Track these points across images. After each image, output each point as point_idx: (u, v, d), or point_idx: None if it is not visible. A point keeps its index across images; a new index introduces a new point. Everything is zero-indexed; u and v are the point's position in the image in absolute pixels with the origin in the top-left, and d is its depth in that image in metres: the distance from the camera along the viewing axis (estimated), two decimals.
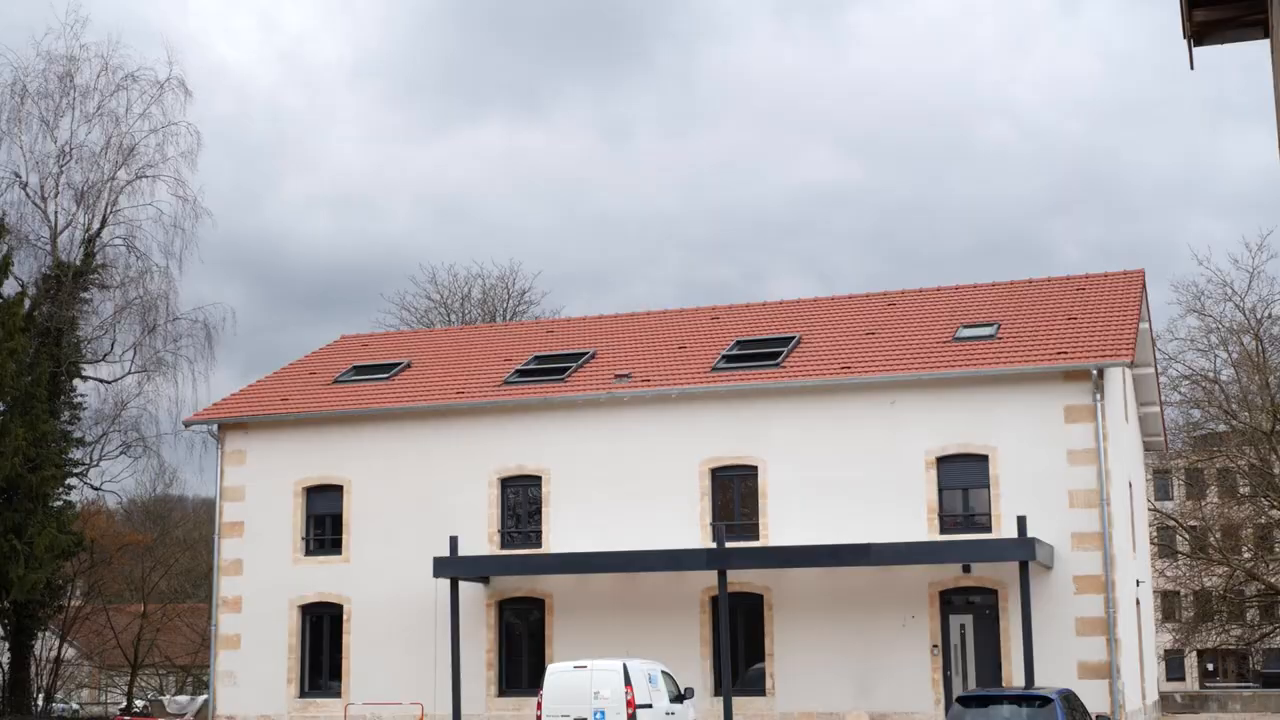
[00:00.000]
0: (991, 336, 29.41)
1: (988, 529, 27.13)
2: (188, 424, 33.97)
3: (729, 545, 27.22)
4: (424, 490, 30.78)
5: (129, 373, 40.91)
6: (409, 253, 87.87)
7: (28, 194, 39.94)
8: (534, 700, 26.79)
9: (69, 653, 50.65)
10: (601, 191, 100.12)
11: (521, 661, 29.83)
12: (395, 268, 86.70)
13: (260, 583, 31.58)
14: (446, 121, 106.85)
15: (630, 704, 23.62)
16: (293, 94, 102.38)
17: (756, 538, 28.47)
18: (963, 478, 27.58)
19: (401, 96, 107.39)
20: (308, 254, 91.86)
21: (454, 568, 28.50)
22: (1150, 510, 44.89)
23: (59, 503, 39.19)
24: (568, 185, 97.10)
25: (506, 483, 30.52)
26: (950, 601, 27.34)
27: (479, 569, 28.96)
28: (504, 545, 30.21)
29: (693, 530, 28.77)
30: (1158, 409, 36.50)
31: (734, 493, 29.12)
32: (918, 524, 27.37)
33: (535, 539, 30.08)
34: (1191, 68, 11.95)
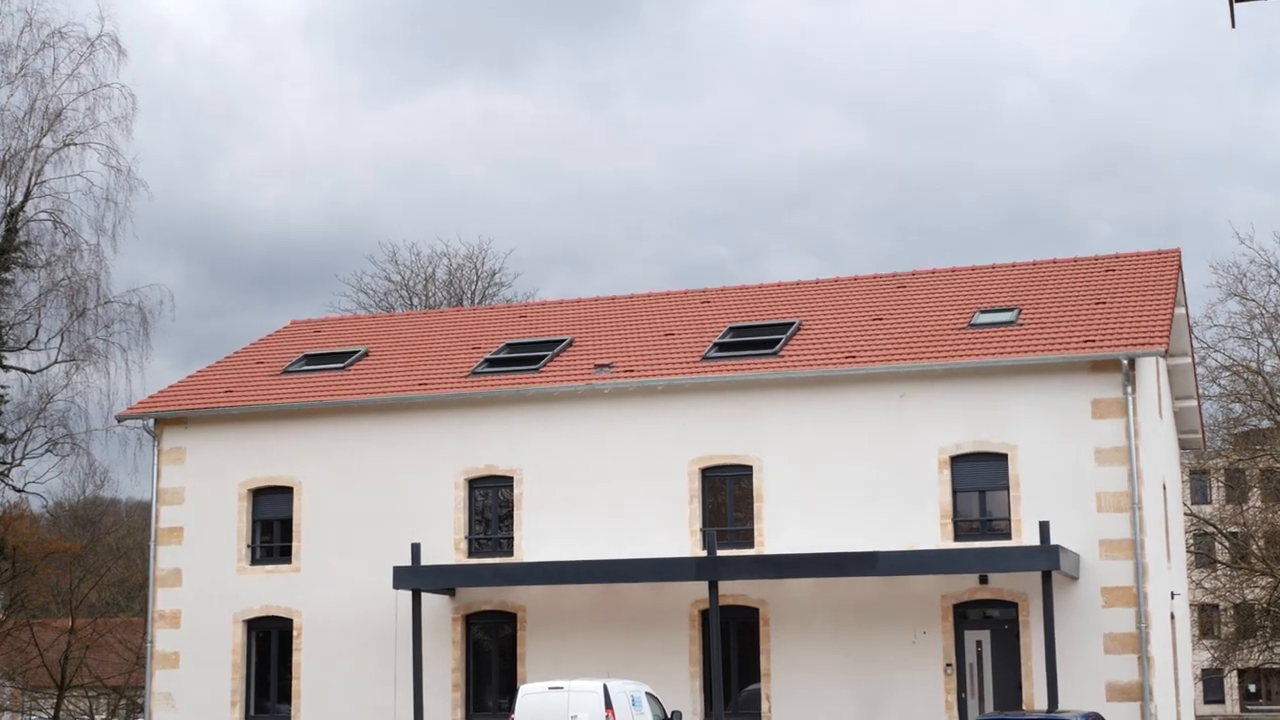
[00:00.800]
0: (1011, 323, 29.44)
1: (1007, 535, 27.17)
2: (121, 419, 33.88)
3: (721, 553, 27.21)
4: (383, 492, 30.72)
5: (55, 362, 40.79)
6: (368, 229, 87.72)
7: None
8: None
9: None
10: (582, 161, 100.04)
11: (491, 682, 29.82)
12: (352, 245, 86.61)
13: (201, 595, 31.50)
14: (410, 83, 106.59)
15: None
16: (239, 52, 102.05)
17: (751, 545, 28.47)
18: (979, 479, 27.60)
19: (360, 54, 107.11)
20: (255, 230, 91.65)
21: (416, 578, 28.46)
22: (1186, 515, 45.04)
23: None
24: (544, 154, 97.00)
25: (474, 484, 30.47)
26: (965, 616, 27.38)
27: (444, 579, 28.92)
28: (472, 553, 30.17)
29: (681, 537, 28.75)
30: (1195, 403, 36.59)
31: (726, 495, 29.10)
32: (929, 530, 27.39)
33: (506, 546, 30.04)
34: (1233, 25, 11.93)
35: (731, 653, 28.30)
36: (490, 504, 30.52)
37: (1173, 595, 30.88)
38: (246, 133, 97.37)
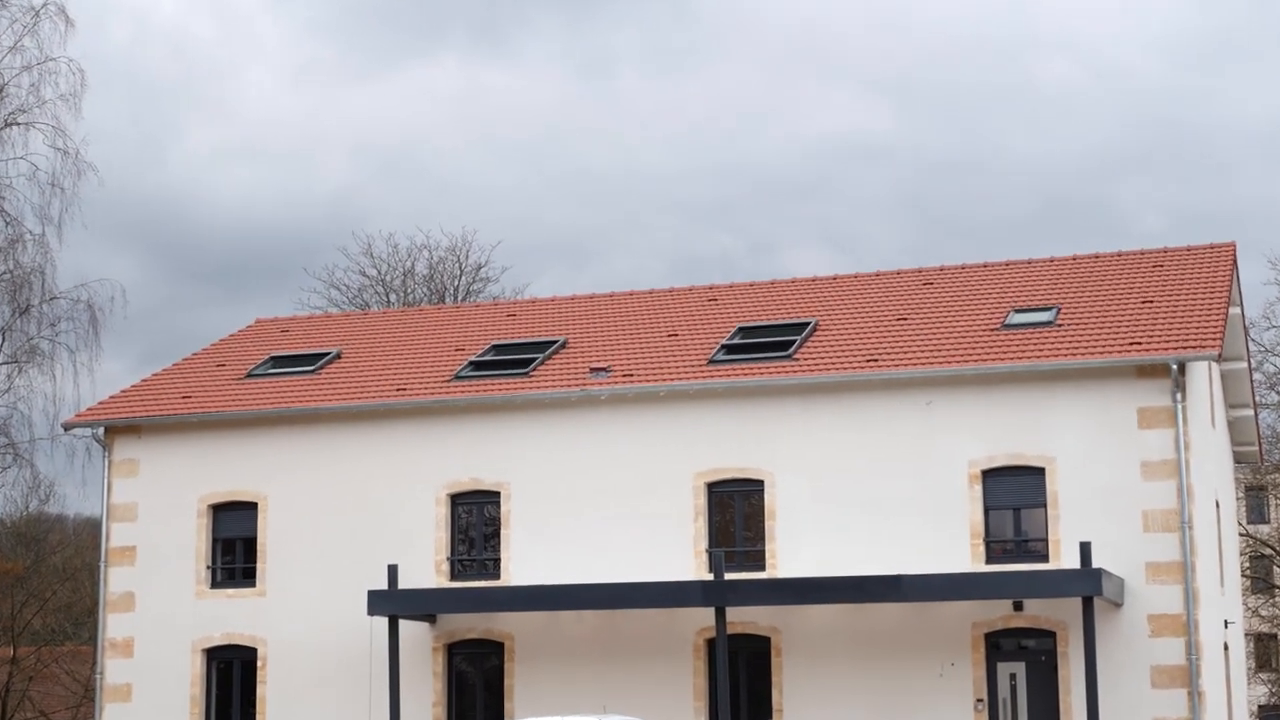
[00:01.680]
0: (1050, 323, 29.48)
1: (1044, 558, 27.19)
2: (67, 427, 33.84)
3: (729, 576, 27.23)
4: (356, 509, 30.74)
5: None
6: (341, 218, 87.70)
7: None
8: None
9: None
10: (576, 143, 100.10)
11: (475, 718, 29.83)
12: (324, 236, 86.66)
13: (156, 621, 31.54)
14: (388, 56, 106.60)
15: None
16: (201, 22, 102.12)
17: (763, 568, 28.50)
18: (1014, 495, 27.62)
19: (334, 26, 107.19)
20: (216, 219, 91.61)
21: (393, 603, 28.48)
22: (1242, 535, 45.07)
23: None
24: (535, 135, 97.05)
25: (457, 500, 30.50)
26: (998, 646, 27.41)
27: (424, 605, 28.93)
28: (454, 576, 30.19)
29: (685, 558, 28.77)
30: (1251, 412, 36.63)
31: (735, 513, 29.11)
32: (959, 551, 27.42)
33: (492, 568, 30.05)
34: None
35: (740, 686, 28.30)
36: (475, 522, 30.53)
37: (1226, 624, 30.89)
38: (208, 112, 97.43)
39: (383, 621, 28.93)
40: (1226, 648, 30.61)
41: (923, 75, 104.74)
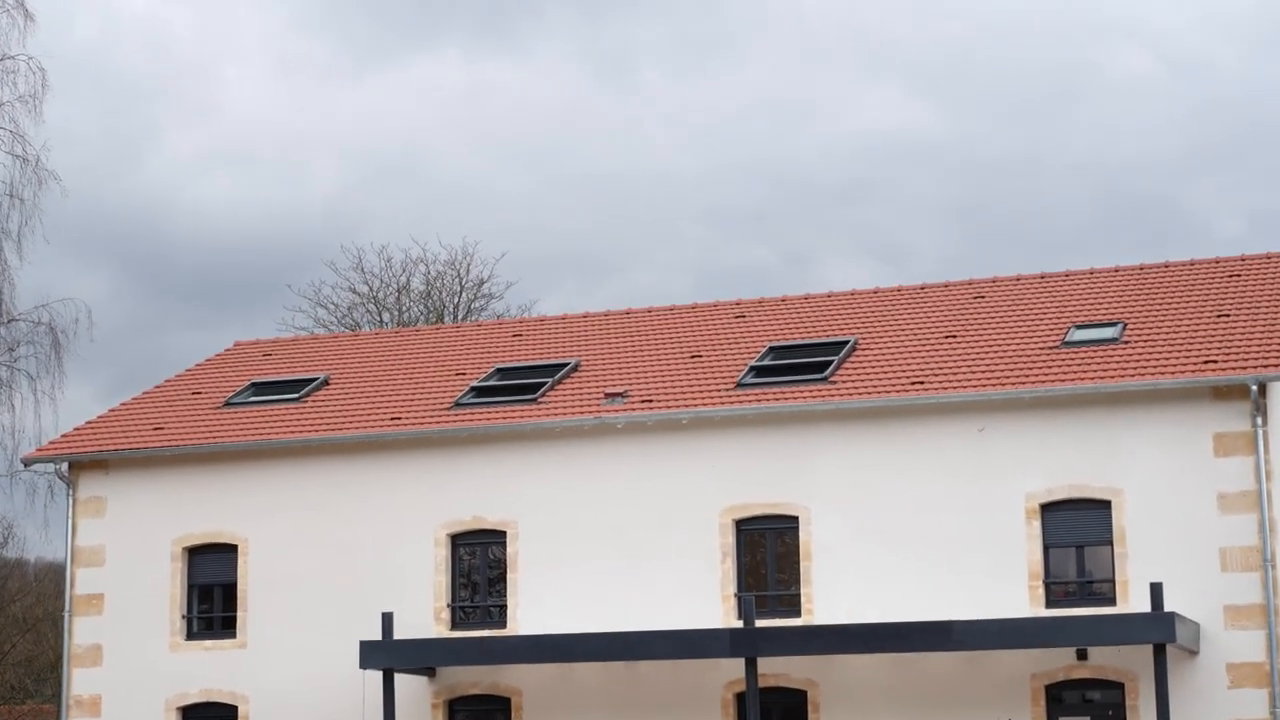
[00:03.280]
0: (1115, 340, 29.50)
1: (1111, 601, 27.19)
2: (28, 462, 33.98)
3: (760, 624, 27.26)
4: (347, 551, 30.84)
5: None
6: (330, 229, 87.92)
7: None
8: None
9: None
10: (591, 145, 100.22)
11: None
12: (311, 249, 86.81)
13: (126, 676, 31.64)
14: (385, 52, 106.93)
15: None
16: (177, 15, 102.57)
17: (798, 614, 28.53)
18: (1077, 531, 27.62)
19: (323, 19, 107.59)
20: (193, 230, 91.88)
21: (388, 655, 28.53)
22: None
23: None
24: (546, 137, 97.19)
25: (458, 540, 30.58)
26: (1060, 699, 27.38)
27: (422, 657, 28.99)
28: (455, 625, 30.27)
29: (711, 604, 28.81)
30: None
31: (767, 553, 29.15)
32: (1016, 594, 27.42)
33: (498, 616, 30.12)
34: None
35: None
36: (478, 565, 30.59)
37: None
38: (184, 114, 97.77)
39: (377, 675, 28.96)
40: None
41: (975, 67, 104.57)
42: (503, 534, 30.25)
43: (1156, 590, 25.32)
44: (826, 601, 28.36)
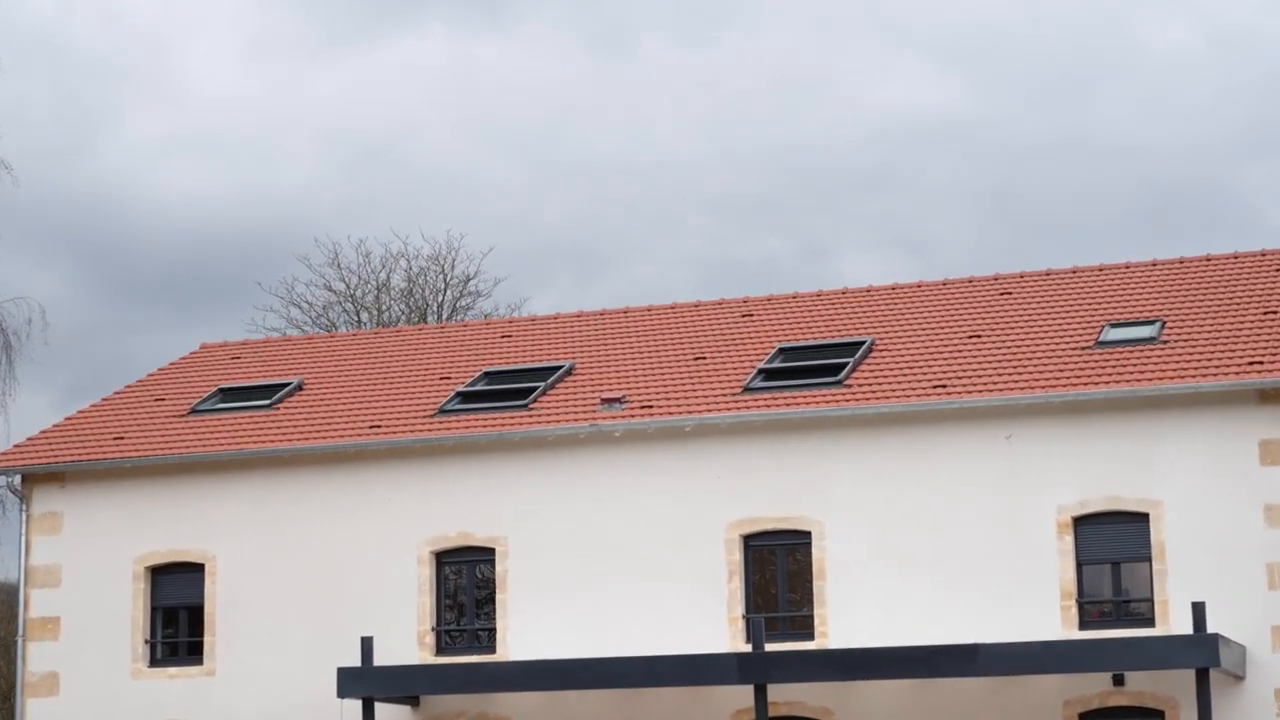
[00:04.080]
0: (1153, 339, 29.55)
1: (1149, 622, 27.24)
2: None
3: (771, 648, 27.31)
4: (323, 570, 30.90)
5: None
6: (303, 220, 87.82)
7: None
8: None
9: None
10: (587, 128, 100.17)
11: None
12: (283, 242, 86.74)
13: (85, 707, 31.67)
14: (363, 28, 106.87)
15: None
16: None
17: (811, 637, 28.59)
18: (1112, 547, 27.67)
19: None
20: (156, 222, 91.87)
21: (368, 683, 28.56)
22: None
23: None
24: (538, 120, 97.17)
25: (443, 558, 30.64)
26: None
27: (405, 685, 29.03)
28: (441, 649, 30.32)
29: (718, 626, 28.88)
30: None
31: (778, 571, 29.21)
32: (1046, 615, 27.47)
33: (486, 640, 30.18)
34: None
35: None
36: (465, 585, 30.65)
37: None
38: (146, 95, 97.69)
39: (356, 705, 28.99)
40: None
41: (1005, 41, 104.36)
42: (491, 551, 30.28)
43: (1199, 610, 25.34)
44: (842, 623, 28.41)
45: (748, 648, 27.70)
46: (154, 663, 31.78)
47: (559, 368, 33.01)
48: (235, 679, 31.03)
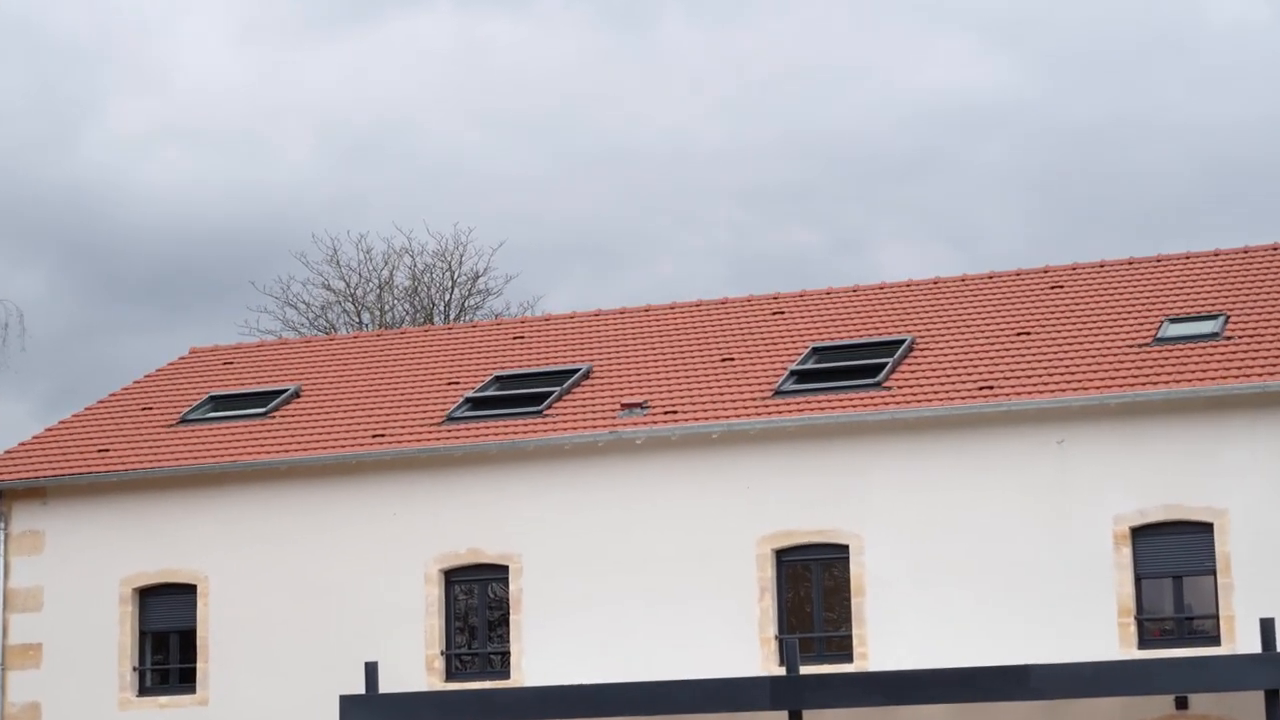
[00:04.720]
0: (1215, 335, 29.47)
1: (1214, 640, 27.16)
2: None
3: (806, 671, 27.25)
4: (323, 591, 30.90)
5: None
6: (301, 214, 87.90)
7: None
8: None
9: None
10: (605, 114, 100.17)
11: None
12: (279, 237, 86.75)
13: None
14: (364, 8, 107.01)
15: None
16: None
17: (849, 659, 28.54)
18: (1173, 559, 27.60)
19: None
20: (142, 219, 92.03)
21: (373, 711, 28.54)
22: None
23: None
24: (551, 104, 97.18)
25: (453, 577, 30.62)
26: None
27: (412, 713, 28.97)
28: (451, 675, 30.32)
29: (749, 648, 28.83)
30: None
31: (813, 588, 29.16)
32: (1103, 634, 27.39)
33: (499, 665, 30.17)
34: None
35: None
36: (476, 605, 30.62)
37: None
38: (132, 81, 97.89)
39: None
40: None
41: (1055, 15, 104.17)
42: (505, 569, 30.27)
43: (1267, 627, 25.23)
44: (882, 644, 28.35)
45: (781, 671, 27.65)
46: (143, 691, 31.80)
47: (575, 371, 32.98)
48: (230, 708, 31.04)
